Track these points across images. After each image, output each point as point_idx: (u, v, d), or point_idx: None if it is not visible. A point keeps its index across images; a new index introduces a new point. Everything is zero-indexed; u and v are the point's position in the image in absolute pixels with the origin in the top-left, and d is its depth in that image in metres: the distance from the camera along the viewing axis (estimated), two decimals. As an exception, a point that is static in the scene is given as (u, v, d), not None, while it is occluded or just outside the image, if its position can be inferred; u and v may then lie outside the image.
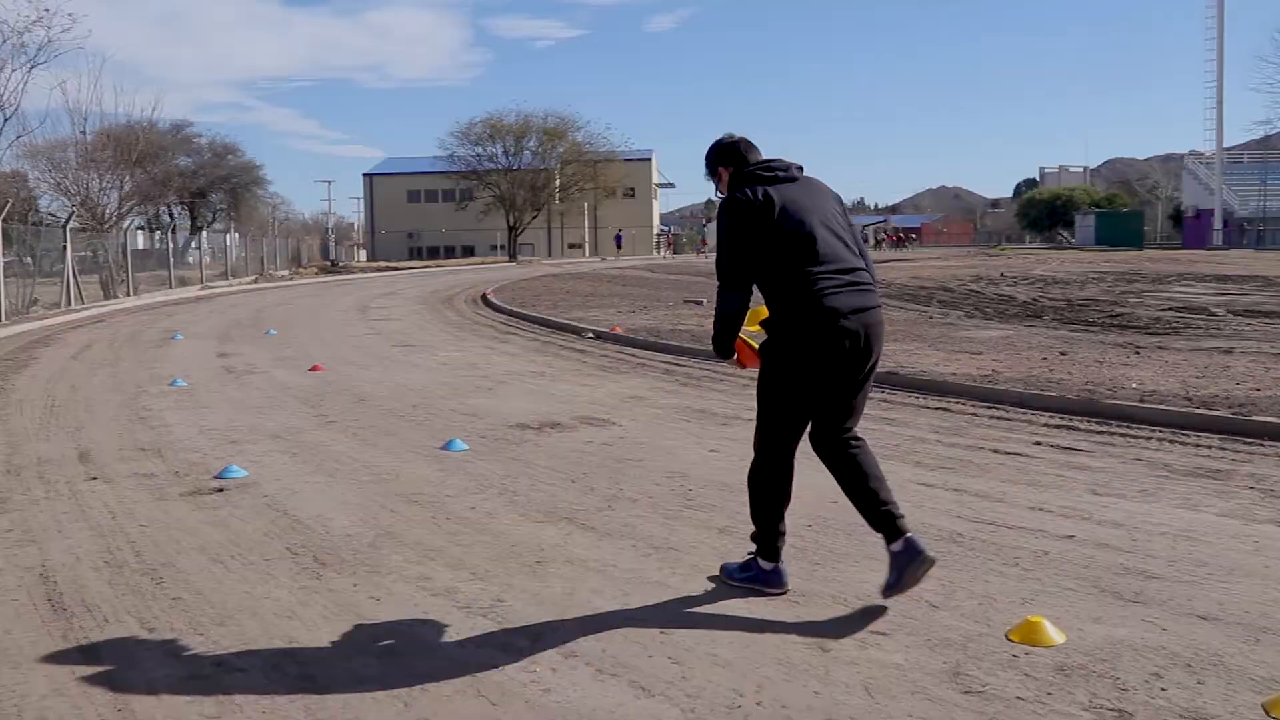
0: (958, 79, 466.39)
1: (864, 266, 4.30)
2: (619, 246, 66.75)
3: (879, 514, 4.24)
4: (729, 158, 4.44)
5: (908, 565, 4.12)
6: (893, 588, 4.17)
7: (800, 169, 4.39)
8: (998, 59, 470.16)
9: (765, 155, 4.45)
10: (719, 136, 4.58)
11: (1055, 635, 3.81)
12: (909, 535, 4.17)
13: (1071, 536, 5.09)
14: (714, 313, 4.45)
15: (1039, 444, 7.23)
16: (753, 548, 4.49)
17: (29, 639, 4.03)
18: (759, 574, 4.44)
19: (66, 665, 3.78)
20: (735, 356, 4.49)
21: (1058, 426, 7.81)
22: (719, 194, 4.54)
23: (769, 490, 4.41)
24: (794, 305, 4.12)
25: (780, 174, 4.30)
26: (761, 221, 4.15)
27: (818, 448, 4.39)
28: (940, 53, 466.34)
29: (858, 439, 4.38)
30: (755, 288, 4.31)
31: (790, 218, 4.15)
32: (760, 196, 4.17)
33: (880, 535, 4.25)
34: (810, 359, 4.13)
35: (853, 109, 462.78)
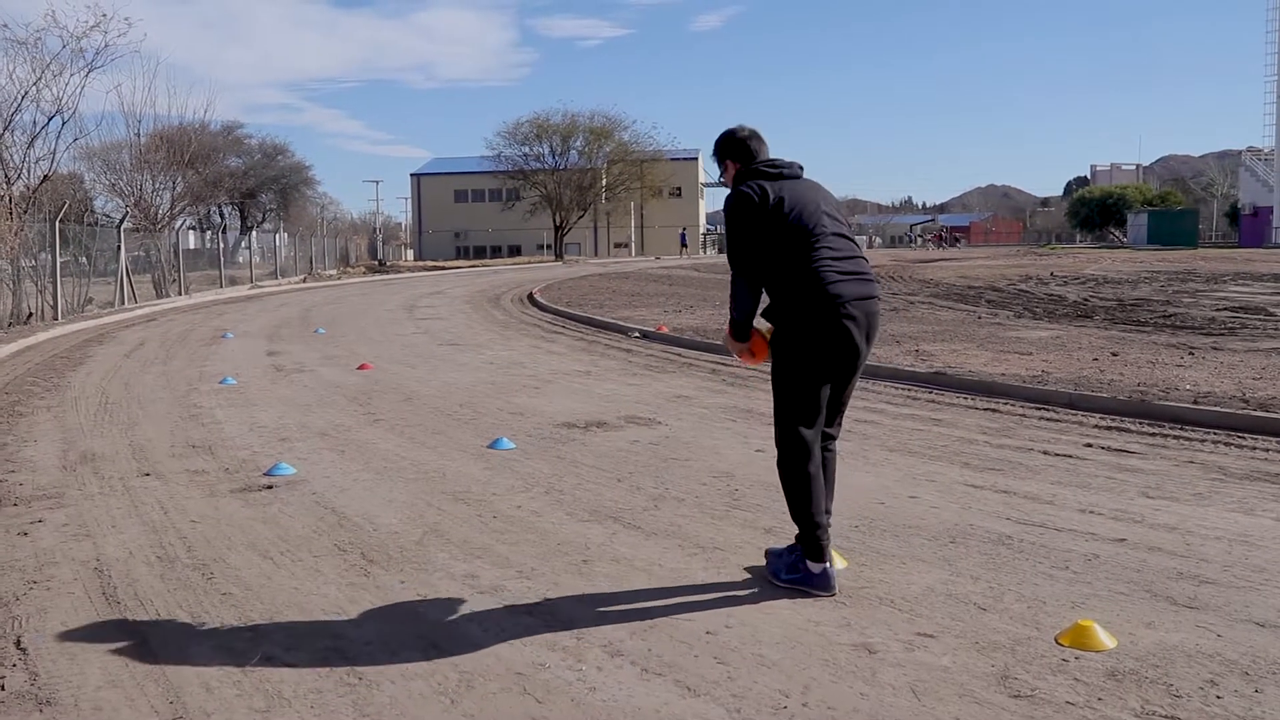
0: (1007, 76, 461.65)
1: (866, 259, 4.53)
2: (684, 245, 66.72)
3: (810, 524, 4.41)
4: (738, 152, 4.64)
5: (814, 582, 4.36)
6: (787, 585, 4.41)
7: (801, 168, 4.58)
8: (1048, 56, 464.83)
9: (814, 153, 4.51)
10: (730, 127, 4.73)
11: (1106, 640, 3.76)
12: (828, 561, 4.40)
13: (1123, 540, 5.02)
14: (730, 300, 4.58)
15: (1089, 446, 7.14)
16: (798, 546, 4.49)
17: (84, 631, 4.10)
18: (806, 576, 4.42)
19: (120, 657, 3.84)
20: (748, 344, 4.55)
21: (1109, 428, 7.71)
22: (723, 181, 4.76)
23: (799, 481, 4.43)
24: (802, 293, 4.31)
25: (785, 171, 4.52)
26: (769, 216, 4.35)
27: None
28: (990, 50, 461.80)
29: (832, 446, 4.61)
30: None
31: (796, 212, 4.36)
32: (767, 193, 4.38)
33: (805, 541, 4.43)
34: (817, 343, 4.32)
35: (901, 107, 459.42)
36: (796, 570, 4.45)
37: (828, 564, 4.40)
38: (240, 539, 5.33)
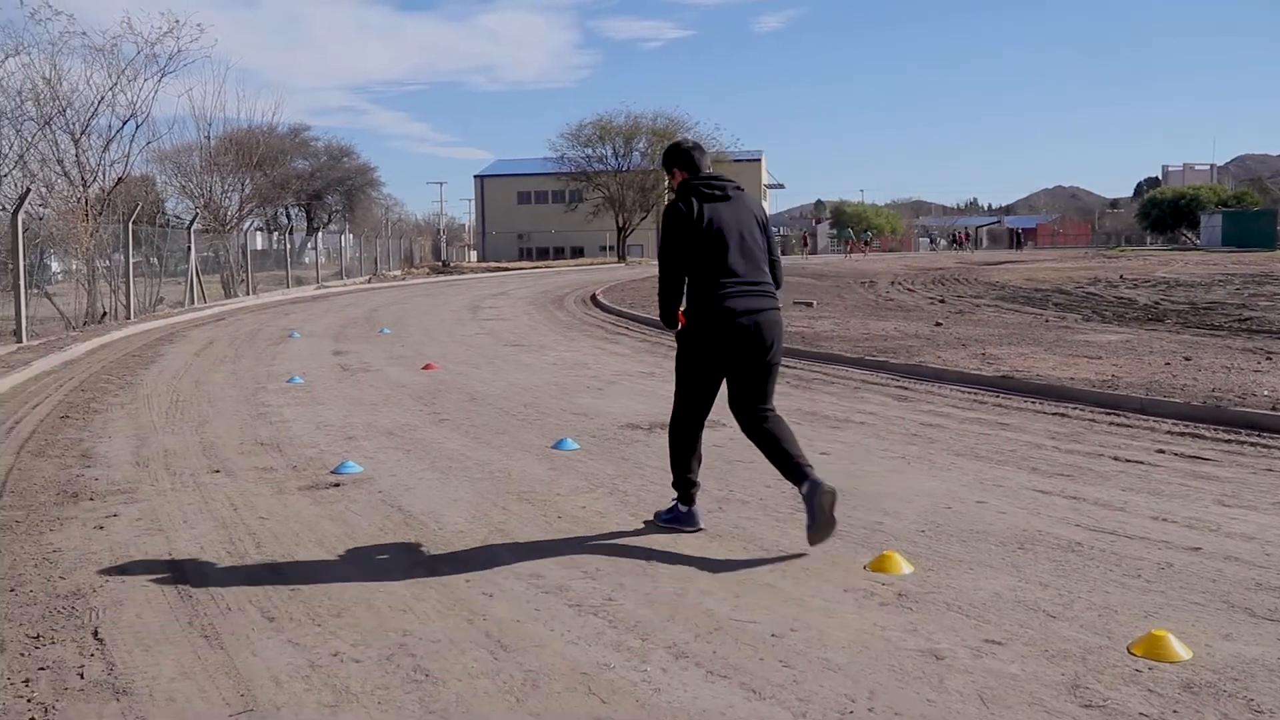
0: (1076, 75, 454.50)
1: (766, 278, 5.24)
2: None
3: (790, 466, 5.07)
4: (683, 162, 5.36)
5: (814, 499, 4.84)
6: (811, 528, 4.87)
7: (737, 188, 5.29)
8: (1119, 55, 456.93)
9: (876, 153, 4.67)
10: (677, 139, 5.64)
11: (1181, 651, 3.68)
12: (813, 478, 4.94)
13: (1198, 549, 4.92)
14: (657, 294, 5.34)
15: (1161, 452, 7.01)
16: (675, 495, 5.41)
17: (158, 623, 4.18)
18: (677, 514, 5.38)
19: (192, 649, 3.91)
20: (680, 328, 5.26)
21: (1182, 434, 7.55)
22: (670, 189, 5.54)
23: (678, 445, 5.33)
24: (703, 303, 5.07)
25: (717, 192, 5.20)
26: (692, 230, 5.07)
27: (741, 423, 5.26)
28: (1059, 50, 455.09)
29: (768, 410, 5.25)
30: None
31: (713, 231, 5.08)
32: (695, 209, 5.10)
33: (795, 487, 5.07)
34: (710, 346, 5.09)
35: (967, 107, 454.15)
36: (671, 511, 5.41)
37: (694, 506, 5.36)
38: (308, 536, 5.41)
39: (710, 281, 5.05)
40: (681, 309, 5.24)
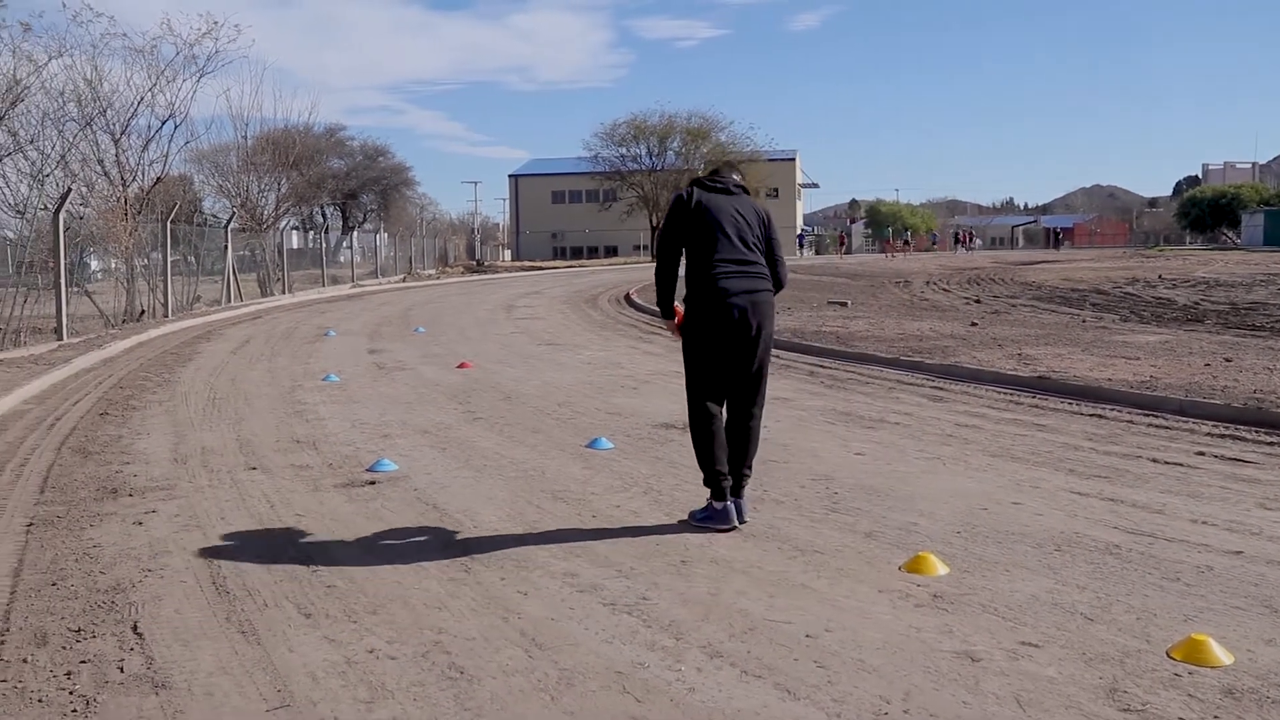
0: (1115, 73, 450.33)
1: (760, 262, 5.43)
2: (801, 246, 66.16)
3: (734, 474, 5.40)
4: (695, 178, 5.70)
5: (722, 513, 5.31)
6: (694, 517, 5.45)
7: (740, 188, 5.59)
8: (1160, 52, 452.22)
9: (913, 152, 4.72)
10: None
11: (1222, 655, 3.63)
12: (737, 502, 5.38)
13: (1239, 552, 4.86)
14: (654, 283, 5.61)
15: (1201, 454, 6.93)
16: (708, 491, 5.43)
17: (196, 618, 4.22)
18: (711, 512, 5.37)
19: (229, 645, 3.94)
20: (676, 320, 5.58)
21: (1222, 436, 7.47)
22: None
23: (698, 436, 5.45)
24: (700, 281, 5.32)
25: (718, 185, 5.54)
26: (688, 215, 5.40)
27: (729, 417, 5.49)
28: (1096, 47, 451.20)
29: (755, 414, 5.49)
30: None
31: (709, 216, 5.38)
32: (692, 199, 5.43)
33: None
34: (708, 326, 5.30)
35: (1003, 106, 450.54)
36: (707, 511, 5.41)
37: (728, 502, 5.35)
38: (344, 533, 5.44)
39: (705, 262, 5.31)
40: (679, 304, 5.53)
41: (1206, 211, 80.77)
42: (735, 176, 5.68)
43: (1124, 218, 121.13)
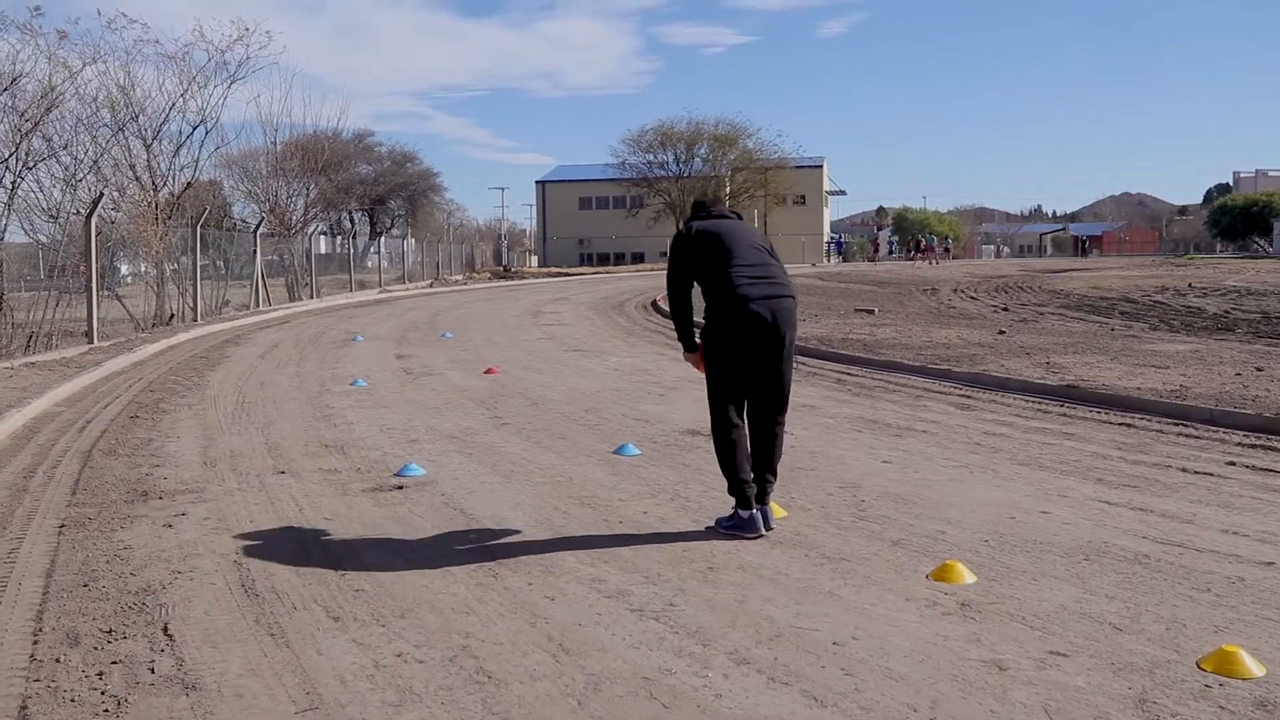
0: (1145, 80, 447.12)
1: (775, 264, 5.54)
2: (839, 253, 65.38)
3: (759, 480, 5.43)
4: (693, 209, 5.88)
5: (750, 522, 5.31)
6: (722, 523, 5.44)
7: (737, 216, 5.80)
8: (1190, 58, 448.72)
9: (940, 160, 4.77)
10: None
11: (1254, 667, 3.61)
12: (764, 508, 5.41)
13: (1271, 564, 4.82)
14: (671, 316, 5.88)
15: (1232, 464, 6.87)
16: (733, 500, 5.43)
17: (225, 620, 4.26)
18: (738, 521, 5.37)
19: (259, 647, 3.98)
20: (697, 355, 5.65)
21: (1254, 446, 7.40)
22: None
23: (720, 446, 5.46)
24: (719, 294, 5.39)
25: (715, 214, 5.73)
26: (692, 245, 5.55)
27: (750, 422, 5.50)
28: (1126, 54, 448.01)
29: (780, 422, 5.52)
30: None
31: (716, 238, 5.51)
32: (692, 230, 5.61)
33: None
34: (731, 334, 5.35)
35: (1031, 113, 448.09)
36: (733, 519, 5.39)
37: (754, 510, 5.34)
38: (372, 537, 5.48)
39: (721, 276, 5.39)
40: (698, 335, 5.63)
41: (1237, 219, 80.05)
42: (720, 208, 5.87)
43: (1153, 225, 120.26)
